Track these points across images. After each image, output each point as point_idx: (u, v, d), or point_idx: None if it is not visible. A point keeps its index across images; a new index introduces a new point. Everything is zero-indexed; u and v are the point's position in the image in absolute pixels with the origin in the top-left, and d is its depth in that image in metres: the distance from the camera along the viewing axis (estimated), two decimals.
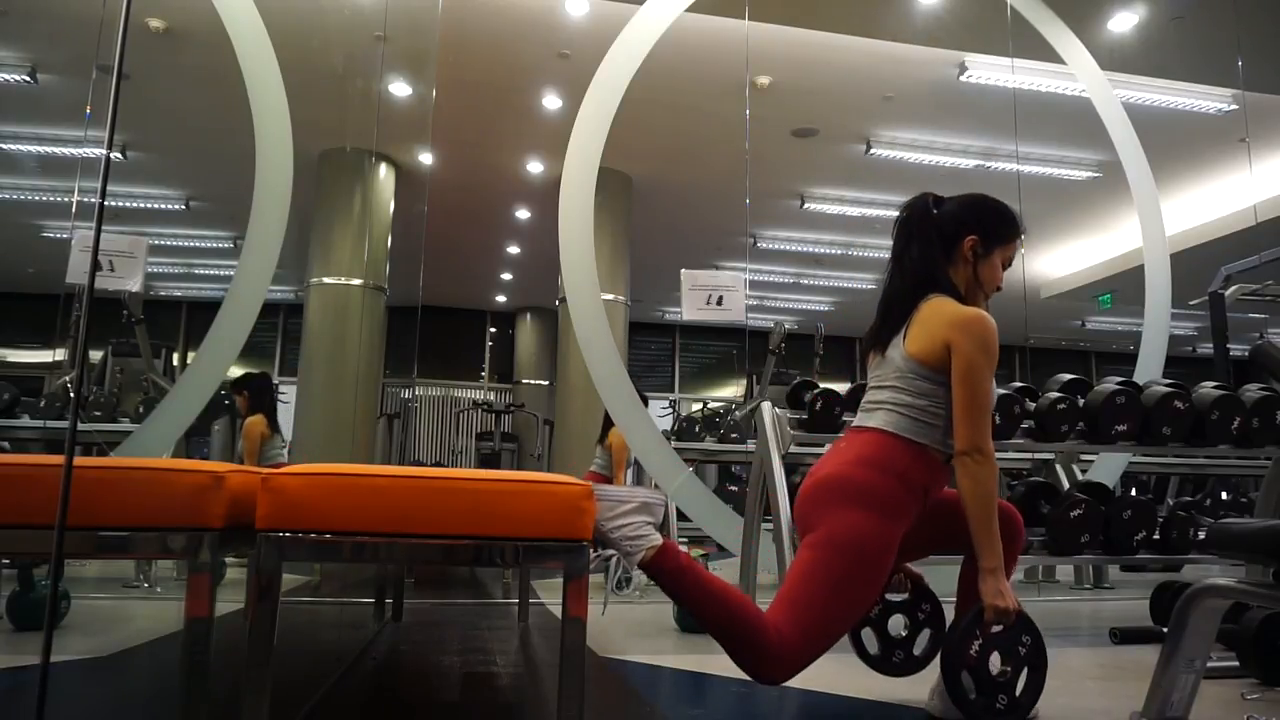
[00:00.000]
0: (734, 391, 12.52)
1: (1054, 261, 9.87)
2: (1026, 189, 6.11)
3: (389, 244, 7.28)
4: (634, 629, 3.18)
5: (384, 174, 7.22)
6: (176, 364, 7.30)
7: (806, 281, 10.60)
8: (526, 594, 3.41)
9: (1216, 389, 3.03)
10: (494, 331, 12.82)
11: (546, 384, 11.57)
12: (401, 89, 5.70)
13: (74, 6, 4.93)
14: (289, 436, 5.67)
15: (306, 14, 4.88)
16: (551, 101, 6.41)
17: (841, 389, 3.19)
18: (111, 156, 1.34)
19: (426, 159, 7.43)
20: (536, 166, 7.57)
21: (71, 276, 3.79)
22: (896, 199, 2.16)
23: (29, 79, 5.72)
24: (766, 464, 3.01)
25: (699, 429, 5.88)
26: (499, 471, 1.68)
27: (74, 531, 1.29)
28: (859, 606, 1.75)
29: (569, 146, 4.26)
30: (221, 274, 9.11)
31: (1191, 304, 6.27)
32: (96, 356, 6.11)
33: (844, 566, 1.71)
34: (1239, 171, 7.24)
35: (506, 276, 11.22)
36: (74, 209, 6.21)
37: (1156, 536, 3.06)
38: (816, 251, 9.51)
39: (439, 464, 11.78)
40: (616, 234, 7.64)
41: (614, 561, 1.64)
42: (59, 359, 5.92)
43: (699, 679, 2.36)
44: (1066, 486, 3.84)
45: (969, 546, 1.81)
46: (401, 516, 1.43)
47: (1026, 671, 1.78)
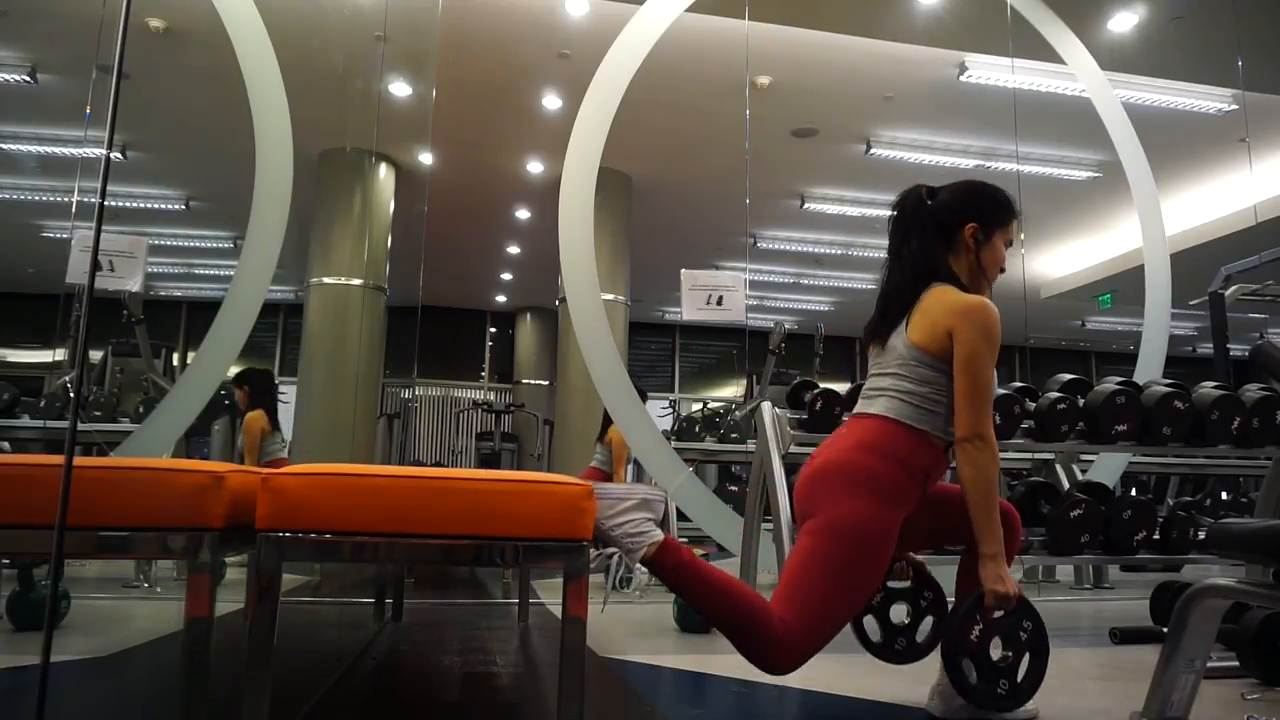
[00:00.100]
0: (734, 391, 12.52)
1: (1054, 261, 9.87)
2: (1026, 189, 6.12)
3: (389, 244, 7.28)
4: (634, 629, 3.18)
5: (384, 174, 7.22)
6: (176, 364, 7.30)
7: (806, 281, 10.60)
8: (526, 594, 3.40)
9: (1216, 389, 3.03)
10: (494, 331, 12.83)
11: (546, 384, 11.58)
12: (401, 89, 5.70)
13: (74, 6, 4.93)
14: (289, 437, 5.67)
15: (306, 14, 4.88)
16: (551, 101, 6.41)
17: (841, 389, 3.19)
18: (111, 156, 1.34)
19: (426, 159, 7.43)
20: (536, 166, 7.58)
21: (71, 276, 3.80)
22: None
23: (29, 79, 5.72)
24: (766, 464, 3.01)
25: (699, 429, 5.88)
26: (499, 471, 1.68)
27: (74, 531, 1.28)
28: (861, 593, 1.74)
29: (569, 146, 4.26)
30: (221, 274, 9.11)
31: (1191, 304, 6.27)
32: (96, 356, 6.11)
33: (845, 553, 1.70)
34: (1239, 171, 7.24)
35: (506, 276, 11.22)
36: (74, 209, 6.21)
37: (1156, 536, 3.06)
38: (816, 251, 9.51)
39: (439, 464, 11.78)
40: (616, 234, 7.64)
41: (615, 560, 1.64)
42: (59, 359, 5.92)
43: (699, 679, 2.36)
44: (1066, 486, 3.83)
45: (969, 538, 1.81)
46: (401, 516, 1.43)
47: (1028, 657, 1.77)
